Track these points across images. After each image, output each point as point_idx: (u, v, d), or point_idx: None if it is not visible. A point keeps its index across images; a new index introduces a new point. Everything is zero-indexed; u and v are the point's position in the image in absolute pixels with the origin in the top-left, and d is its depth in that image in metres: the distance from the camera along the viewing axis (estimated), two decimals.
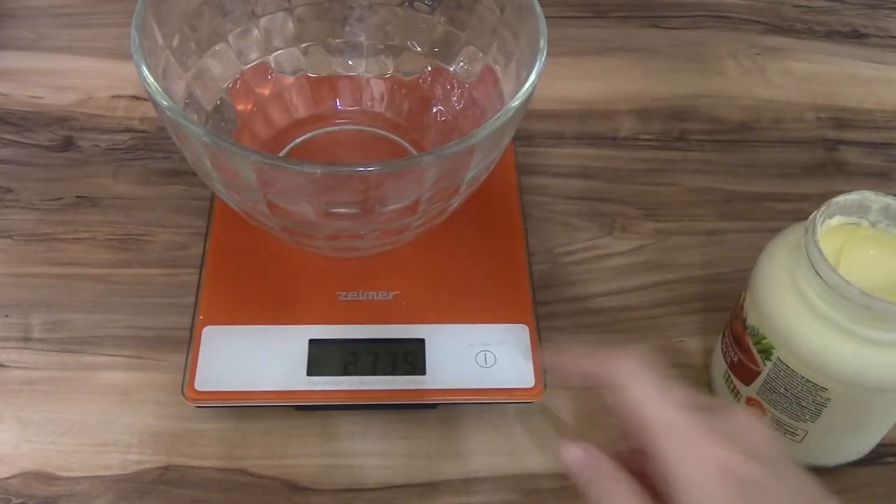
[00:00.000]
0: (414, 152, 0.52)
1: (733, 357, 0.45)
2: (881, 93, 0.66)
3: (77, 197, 0.56)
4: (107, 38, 0.66)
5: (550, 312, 0.52)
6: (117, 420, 0.47)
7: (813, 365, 0.40)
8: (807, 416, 0.43)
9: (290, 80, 0.53)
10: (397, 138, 0.53)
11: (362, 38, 0.53)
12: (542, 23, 0.43)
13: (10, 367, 0.49)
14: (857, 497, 0.46)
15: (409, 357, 0.46)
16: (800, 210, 0.58)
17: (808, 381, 0.41)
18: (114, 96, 0.62)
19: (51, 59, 0.64)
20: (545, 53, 0.42)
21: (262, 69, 0.51)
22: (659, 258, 0.55)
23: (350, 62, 0.53)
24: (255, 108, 0.51)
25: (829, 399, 0.41)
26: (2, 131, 0.60)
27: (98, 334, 0.50)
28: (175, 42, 0.46)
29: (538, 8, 0.43)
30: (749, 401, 0.45)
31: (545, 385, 0.45)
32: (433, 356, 0.46)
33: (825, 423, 0.43)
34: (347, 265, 0.49)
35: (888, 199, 0.41)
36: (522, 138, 0.61)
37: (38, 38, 0.66)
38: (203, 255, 0.49)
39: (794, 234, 0.43)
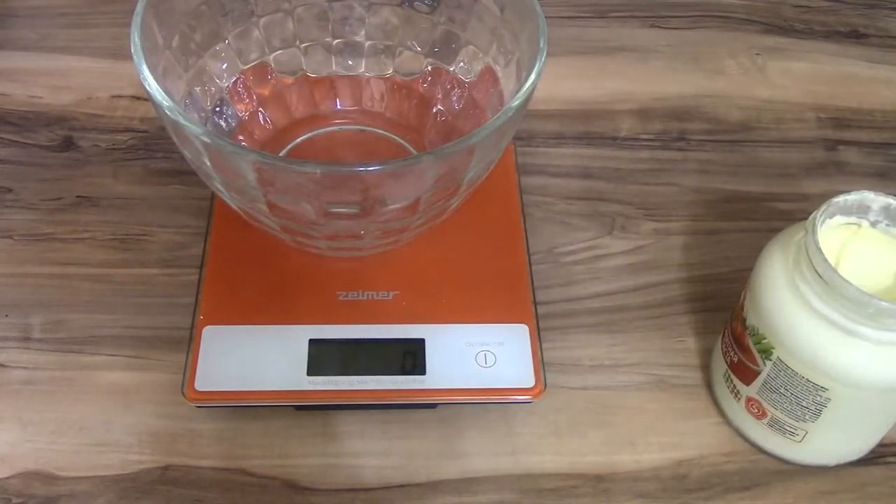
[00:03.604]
0: (414, 152, 0.52)
1: (733, 357, 0.45)
2: (881, 93, 0.66)
3: (77, 197, 0.56)
4: (107, 38, 0.66)
5: (550, 312, 0.52)
6: (117, 420, 0.47)
7: (813, 365, 0.40)
8: (807, 416, 0.43)
9: (290, 80, 0.53)
10: (397, 138, 0.53)
11: (362, 38, 0.53)
12: (542, 23, 0.43)
13: (10, 367, 0.49)
14: (857, 497, 0.46)
15: (409, 357, 0.46)
16: (800, 210, 0.58)
17: (808, 381, 0.41)
18: (114, 96, 0.62)
19: (51, 59, 0.64)
20: (545, 53, 0.42)
21: (262, 69, 0.51)
22: (659, 258, 0.55)
23: (350, 62, 0.53)
24: (255, 108, 0.51)
25: (829, 399, 0.41)
26: (2, 131, 0.60)
27: (98, 334, 0.50)
28: (175, 42, 0.46)
29: (538, 8, 0.43)
30: (749, 401, 0.45)
31: (545, 385, 0.45)
32: (433, 356, 0.46)
33: (825, 423, 0.43)
34: (347, 265, 0.49)
35: (888, 199, 0.42)
36: (522, 138, 0.61)
37: (38, 38, 0.66)
38: (203, 255, 0.49)
39: (794, 234, 0.43)
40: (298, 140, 0.52)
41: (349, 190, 0.40)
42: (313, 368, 0.45)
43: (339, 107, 0.54)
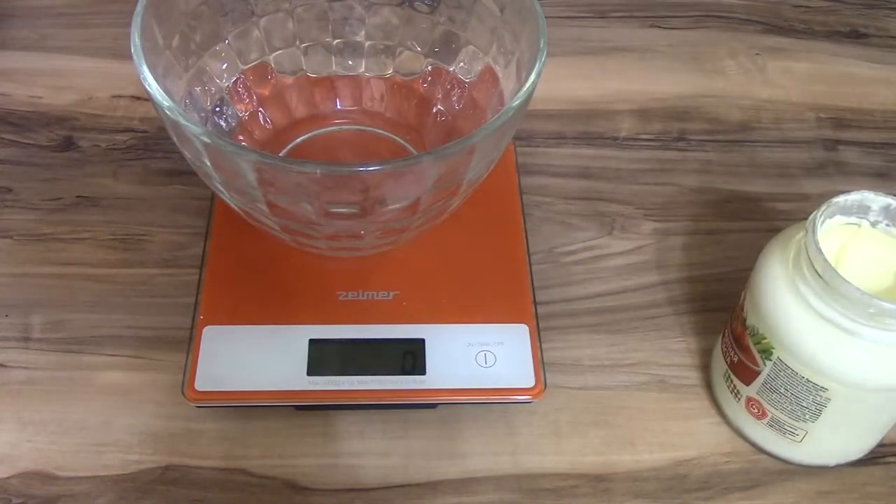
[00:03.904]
0: (414, 152, 0.52)
1: (733, 357, 0.45)
2: (881, 93, 0.66)
3: (77, 197, 0.56)
4: (107, 38, 0.66)
5: (550, 312, 0.52)
6: (117, 420, 0.47)
7: (812, 365, 0.40)
8: (807, 416, 0.43)
9: (290, 80, 0.52)
10: (397, 138, 0.53)
11: (362, 38, 0.53)
12: (542, 23, 0.43)
13: (10, 367, 0.49)
14: (857, 497, 0.46)
15: (409, 357, 0.46)
16: (800, 210, 0.58)
17: (808, 381, 0.41)
18: (114, 96, 0.62)
19: (51, 59, 0.64)
20: (545, 53, 0.42)
21: (262, 69, 0.51)
22: (659, 258, 0.55)
23: (350, 62, 0.53)
24: (255, 108, 0.51)
25: (829, 399, 0.41)
26: (2, 131, 0.60)
27: (98, 334, 0.50)
28: (175, 42, 0.46)
29: (538, 8, 0.43)
30: (749, 401, 0.45)
31: (545, 385, 0.45)
32: (433, 356, 0.46)
33: (825, 423, 0.43)
34: (347, 265, 0.49)
35: (888, 199, 0.42)
36: (522, 138, 0.61)
37: (38, 38, 0.66)
38: (203, 255, 0.49)
39: (794, 234, 0.43)
40: (298, 140, 0.52)
41: (349, 190, 0.40)
42: (313, 368, 0.45)
43: (339, 107, 0.54)
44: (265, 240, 0.48)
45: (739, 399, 0.46)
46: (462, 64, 0.51)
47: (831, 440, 0.45)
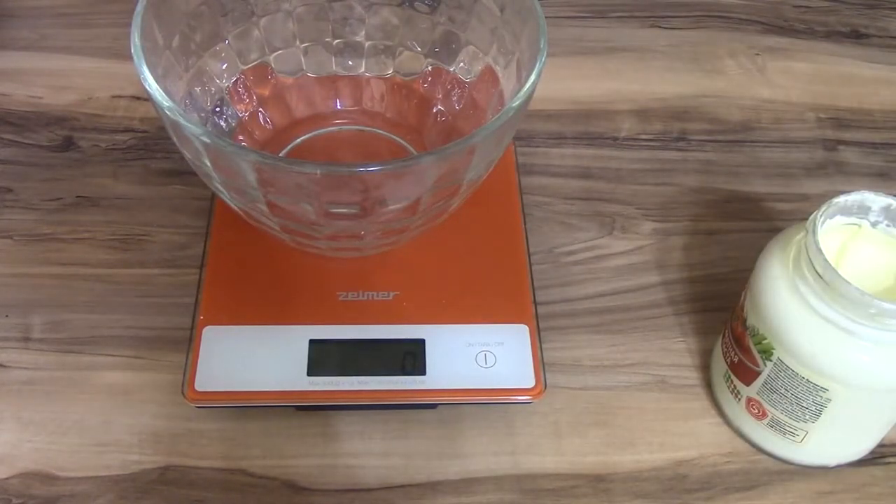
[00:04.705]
0: (414, 152, 0.52)
1: (733, 357, 0.45)
2: (881, 93, 0.66)
3: (77, 197, 0.56)
4: (107, 38, 0.66)
5: (550, 312, 0.52)
6: (117, 420, 0.47)
7: (812, 365, 0.40)
8: (807, 417, 0.43)
9: (290, 80, 0.53)
10: (397, 138, 0.53)
11: (362, 38, 0.53)
12: (542, 23, 0.43)
13: (10, 367, 0.49)
14: (857, 497, 0.46)
15: (409, 357, 0.46)
16: (800, 210, 0.58)
17: (808, 381, 0.41)
18: (114, 96, 0.62)
19: (51, 59, 0.64)
20: (545, 53, 0.42)
21: (262, 69, 0.51)
22: (659, 258, 0.55)
23: (350, 62, 0.53)
24: (255, 108, 0.51)
25: (830, 399, 0.41)
26: (2, 131, 0.60)
27: (98, 334, 0.50)
28: (175, 42, 0.46)
29: (538, 8, 0.43)
30: (749, 401, 0.45)
31: (545, 385, 0.45)
32: (433, 356, 0.46)
33: (825, 423, 0.43)
34: (347, 265, 0.49)
35: (888, 199, 0.42)
36: (522, 138, 0.61)
37: (38, 38, 0.66)
38: (203, 255, 0.49)
39: (794, 234, 0.43)
40: (298, 140, 0.52)
41: (349, 190, 0.40)
42: (313, 368, 0.45)
43: (339, 107, 0.54)
44: (265, 240, 0.48)
45: (740, 399, 0.46)
46: (462, 64, 0.51)
47: (831, 440, 0.45)
